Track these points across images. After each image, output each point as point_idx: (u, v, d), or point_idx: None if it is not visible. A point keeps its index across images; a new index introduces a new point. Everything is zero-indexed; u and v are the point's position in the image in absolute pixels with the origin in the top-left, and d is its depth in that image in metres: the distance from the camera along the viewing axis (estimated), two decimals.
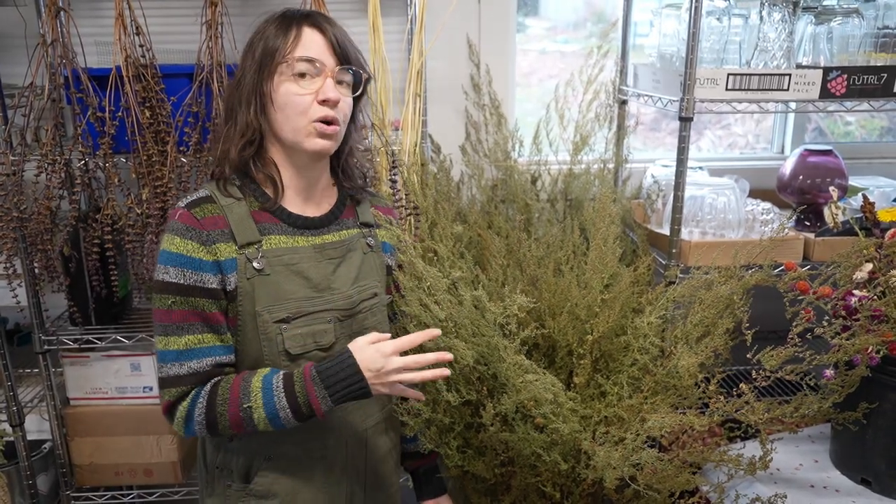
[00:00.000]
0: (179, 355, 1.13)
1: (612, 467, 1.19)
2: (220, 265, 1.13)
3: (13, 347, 2.07)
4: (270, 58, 1.15)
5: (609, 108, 2.10)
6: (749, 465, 1.30)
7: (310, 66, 1.15)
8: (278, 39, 1.15)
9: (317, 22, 1.17)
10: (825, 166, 1.89)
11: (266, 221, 1.18)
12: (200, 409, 1.13)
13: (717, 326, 1.33)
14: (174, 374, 1.14)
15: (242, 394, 1.12)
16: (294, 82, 1.15)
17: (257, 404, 1.11)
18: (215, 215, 1.14)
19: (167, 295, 1.12)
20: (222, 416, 1.13)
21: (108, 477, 1.99)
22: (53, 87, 1.69)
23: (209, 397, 1.13)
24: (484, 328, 1.24)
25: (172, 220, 1.14)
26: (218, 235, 1.13)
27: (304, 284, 1.19)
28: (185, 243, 1.11)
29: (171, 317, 1.13)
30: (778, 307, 1.39)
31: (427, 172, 1.93)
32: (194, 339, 1.13)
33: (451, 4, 1.99)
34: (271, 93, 1.15)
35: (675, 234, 1.70)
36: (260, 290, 1.15)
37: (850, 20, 1.69)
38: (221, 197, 1.17)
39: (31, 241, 1.74)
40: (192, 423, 1.14)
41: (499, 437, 1.31)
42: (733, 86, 1.62)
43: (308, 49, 1.15)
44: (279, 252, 1.18)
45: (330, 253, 1.23)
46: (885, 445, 1.40)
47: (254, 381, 1.13)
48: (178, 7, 1.89)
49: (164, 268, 1.12)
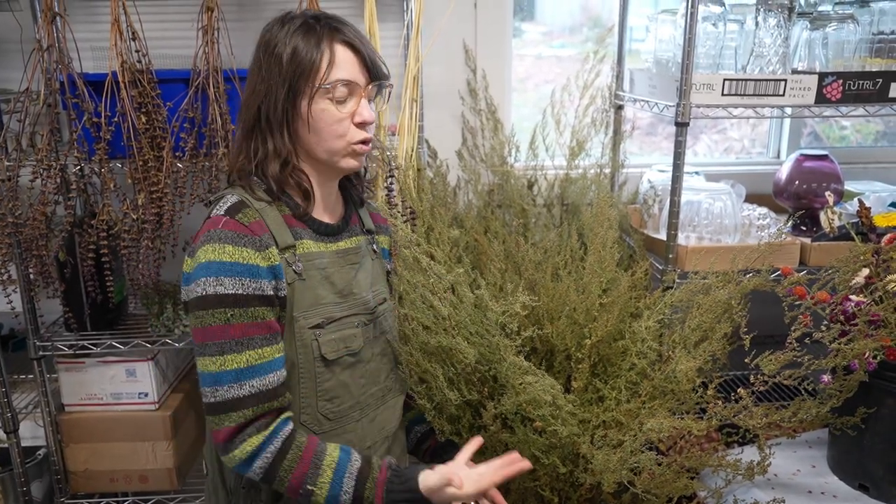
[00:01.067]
0: (239, 375, 1.06)
1: (611, 471, 1.19)
2: (275, 270, 1.10)
3: (8, 353, 2.06)
4: (304, 80, 1.10)
5: (605, 113, 2.10)
6: (748, 469, 1.30)
7: (347, 90, 1.13)
8: (311, 58, 1.10)
9: (348, 39, 1.13)
10: (821, 171, 1.90)
11: (296, 226, 1.16)
12: (267, 459, 1.08)
13: (715, 331, 1.33)
14: (234, 396, 1.07)
15: (311, 472, 1.09)
16: (330, 104, 1.12)
17: (322, 490, 1.09)
18: (257, 219, 1.11)
19: (223, 309, 1.05)
20: (281, 482, 1.09)
21: (103, 483, 1.98)
22: (49, 92, 1.69)
23: (279, 452, 1.09)
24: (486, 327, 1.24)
25: (216, 230, 1.08)
26: (268, 239, 1.10)
27: (332, 290, 1.18)
28: (239, 251, 1.06)
29: (230, 332, 1.06)
30: (775, 312, 1.39)
31: (423, 177, 1.92)
32: (255, 355, 1.07)
33: (447, 9, 1.99)
34: (306, 116, 1.12)
35: (672, 238, 1.70)
36: (298, 295, 1.13)
37: (845, 26, 1.70)
38: (254, 201, 1.13)
39: (26, 247, 1.73)
40: (252, 465, 1.09)
41: (499, 438, 1.31)
42: (729, 91, 1.63)
43: (345, 71, 1.12)
44: (312, 257, 1.16)
45: (351, 258, 1.23)
46: (883, 451, 1.40)
47: (326, 463, 1.10)
48: (174, 12, 1.89)
49: (217, 279, 1.05)
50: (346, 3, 1.96)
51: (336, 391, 1.19)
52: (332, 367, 1.17)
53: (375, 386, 1.26)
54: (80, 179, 1.75)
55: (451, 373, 1.33)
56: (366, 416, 1.25)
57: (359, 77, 1.14)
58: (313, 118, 1.12)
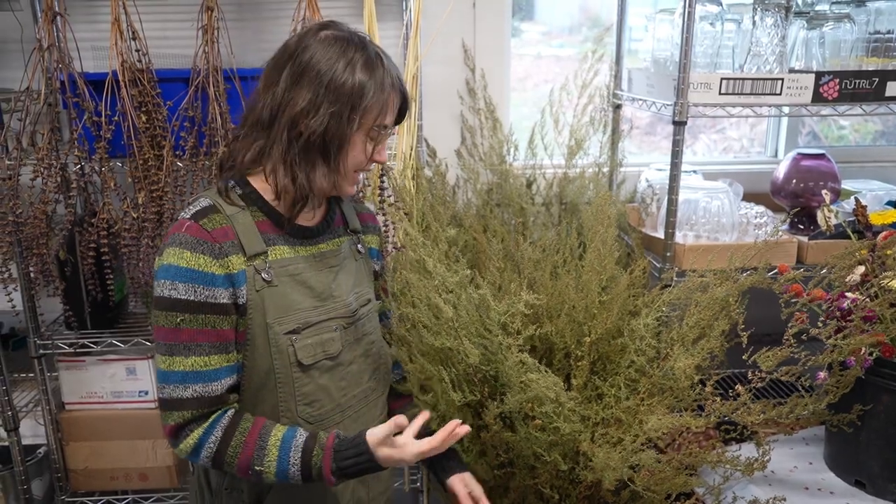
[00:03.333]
0: (184, 377, 1.08)
1: (611, 468, 1.20)
2: (233, 278, 1.09)
3: (8, 352, 2.07)
4: (359, 113, 1.10)
5: (604, 112, 2.11)
6: (746, 466, 1.31)
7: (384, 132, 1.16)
8: (376, 99, 1.11)
9: (402, 89, 1.16)
10: (818, 170, 1.91)
11: (269, 232, 1.15)
12: (210, 448, 1.10)
13: (713, 329, 1.33)
14: (177, 396, 1.09)
15: (256, 454, 1.09)
16: (364, 142, 1.14)
17: (269, 469, 1.09)
18: (224, 226, 1.10)
19: (175, 312, 1.07)
20: (230, 465, 1.10)
21: (103, 481, 1.98)
22: (50, 91, 1.69)
23: (222, 441, 1.10)
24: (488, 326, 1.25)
25: (178, 233, 1.08)
26: (229, 247, 1.09)
27: (309, 294, 1.17)
28: (196, 257, 1.06)
29: (179, 336, 1.08)
30: (773, 310, 1.40)
31: (422, 176, 1.93)
32: (200, 362, 1.09)
33: (446, 9, 2.00)
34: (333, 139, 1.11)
35: (670, 237, 1.71)
36: (269, 301, 1.12)
37: (841, 25, 1.71)
38: (226, 206, 1.12)
39: (26, 246, 1.73)
40: (199, 456, 1.11)
41: (501, 437, 1.31)
42: (726, 90, 1.64)
43: (391, 117, 1.16)
44: (284, 262, 1.15)
45: (329, 261, 1.22)
46: (879, 447, 1.41)
47: (271, 443, 1.10)
48: (174, 12, 1.89)
49: (172, 283, 1.06)
50: (346, 3, 1.97)
51: (315, 395, 1.18)
52: (309, 371, 1.16)
53: (358, 388, 1.25)
54: (81, 178, 1.76)
55: (452, 374, 1.34)
56: (347, 417, 1.24)
57: (393, 122, 1.18)
58: (343, 144, 1.12)
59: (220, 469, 1.13)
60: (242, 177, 1.16)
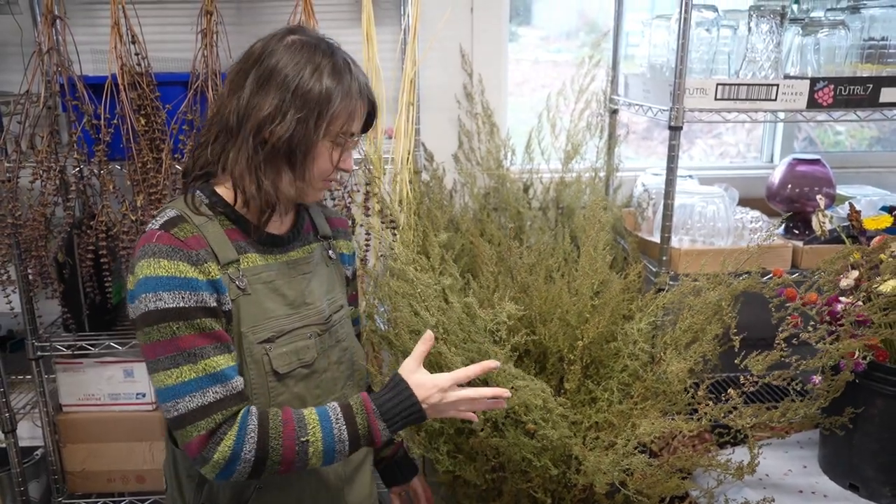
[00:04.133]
0: (200, 382, 1.02)
1: (603, 472, 1.20)
2: (216, 284, 1.06)
3: (6, 354, 2.07)
4: (325, 121, 1.08)
5: (600, 117, 2.12)
6: (737, 469, 1.31)
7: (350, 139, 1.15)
8: (343, 106, 1.09)
9: (369, 97, 1.14)
10: (813, 175, 1.92)
11: (239, 240, 1.12)
12: (251, 447, 1.03)
13: (706, 332, 1.34)
14: (198, 404, 1.02)
15: (299, 426, 1.05)
16: (335, 151, 1.12)
17: (316, 437, 1.06)
18: (195, 235, 1.06)
19: (166, 323, 1.01)
20: (275, 452, 1.04)
21: (100, 484, 1.99)
22: (49, 94, 1.70)
23: (260, 432, 1.04)
24: (474, 335, 1.25)
25: (149, 244, 1.03)
26: (205, 255, 1.05)
27: (282, 302, 1.15)
28: (174, 265, 1.02)
29: (179, 345, 1.02)
30: (766, 315, 1.41)
31: (420, 180, 1.94)
32: (212, 363, 1.03)
33: (444, 14, 2.01)
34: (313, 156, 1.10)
35: (665, 241, 1.72)
36: (244, 310, 1.10)
37: (836, 32, 1.72)
38: (194, 216, 1.09)
39: (25, 248, 1.74)
40: (237, 464, 1.03)
41: (489, 443, 1.32)
42: (722, 95, 1.65)
43: (356, 125, 1.14)
44: (257, 270, 1.13)
45: (302, 268, 1.20)
46: (873, 451, 1.41)
47: (307, 414, 1.08)
48: (173, 16, 1.91)
49: (155, 294, 1.01)
50: (344, 8, 1.98)
51: (291, 404, 1.14)
52: (285, 380, 1.14)
53: (332, 395, 1.22)
54: (80, 181, 1.76)
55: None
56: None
57: (359, 130, 1.16)
58: (316, 159, 1.11)
59: (261, 469, 1.05)
60: (208, 185, 1.14)
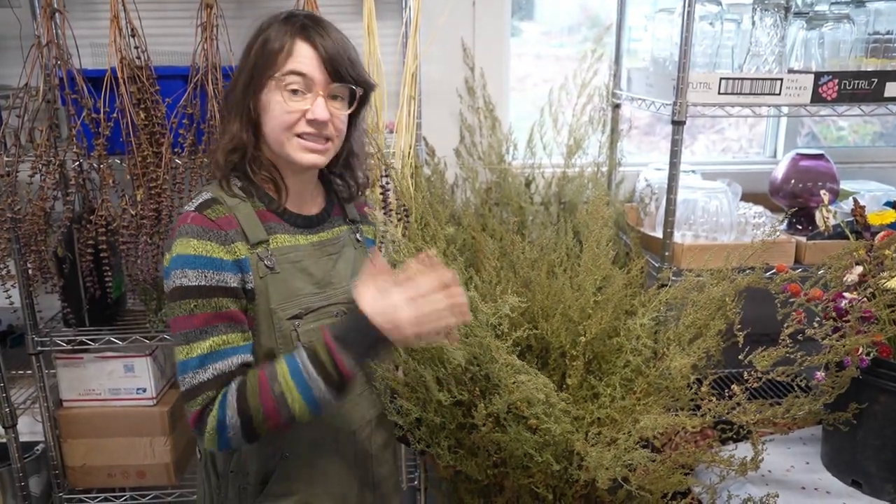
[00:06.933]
0: (203, 360, 1.09)
1: (605, 468, 1.20)
2: (241, 264, 1.13)
3: (6, 348, 2.07)
4: (261, 70, 1.14)
5: (603, 111, 2.11)
6: (740, 465, 1.31)
7: (301, 82, 1.14)
8: (272, 49, 1.13)
9: (309, 35, 1.14)
10: (817, 170, 1.91)
11: (270, 221, 1.19)
12: (232, 412, 1.08)
13: (709, 328, 1.34)
14: (198, 381, 1.09)
15: (271, 379, 1.08)
16: (285, 98, 1.14)
17: (288, 384, 1.07)
18: (227, 215, 1.14)
19: (187, 300, 1.09)
20: (257, 410, 1.07)
21: (100, 479, 1.98)
22: (48, 88, 1.69)
23: (238, 395, 1.08)
24: (476, 329, 1.25)
25: (184, 225, 1.12)
26: (234, 235, 1.13)
27: (309, 281, 1.21)
28: (203, 244, 1.10)
29: (194, 322, 1.09)
30: (770, 311, 1.40)
31: (421, 175, 1.93)
32: (219, 341, 1.10)
33: (446, 8, 2.00)
34: (259, 106, 1.16)
35: (668, 236, 1.71)
36: (272, 288, 1.16)
37: (841, 25, 1.71)
38: (227, 198, 1.16)
39: (24, 242, 1.73)
40: (227, 431, 1.08)
41: (491, 438, 1.31)
42: (725, 90, 1.64)
43: (299, 64, 1.13)
44: (285, 250, 1.19)
45: (329, 249, 1.26)
46: (876, 447, 1.41)
47: (278, 366, 1.10)
48: (173, 9, 1.90)
49: (182, 272, 1.09)
50: (346, 1, 1.97)
51: None
52: None
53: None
54: (79, 175, 1.75)
55: (441, 373, 1.34)
56: (349, 400, 1.26)
57: (315, 73, 1.14)
58: (265, 108, 1.15)
59: (251, 429, 1.08)
60: (243, 170, 1.20)
